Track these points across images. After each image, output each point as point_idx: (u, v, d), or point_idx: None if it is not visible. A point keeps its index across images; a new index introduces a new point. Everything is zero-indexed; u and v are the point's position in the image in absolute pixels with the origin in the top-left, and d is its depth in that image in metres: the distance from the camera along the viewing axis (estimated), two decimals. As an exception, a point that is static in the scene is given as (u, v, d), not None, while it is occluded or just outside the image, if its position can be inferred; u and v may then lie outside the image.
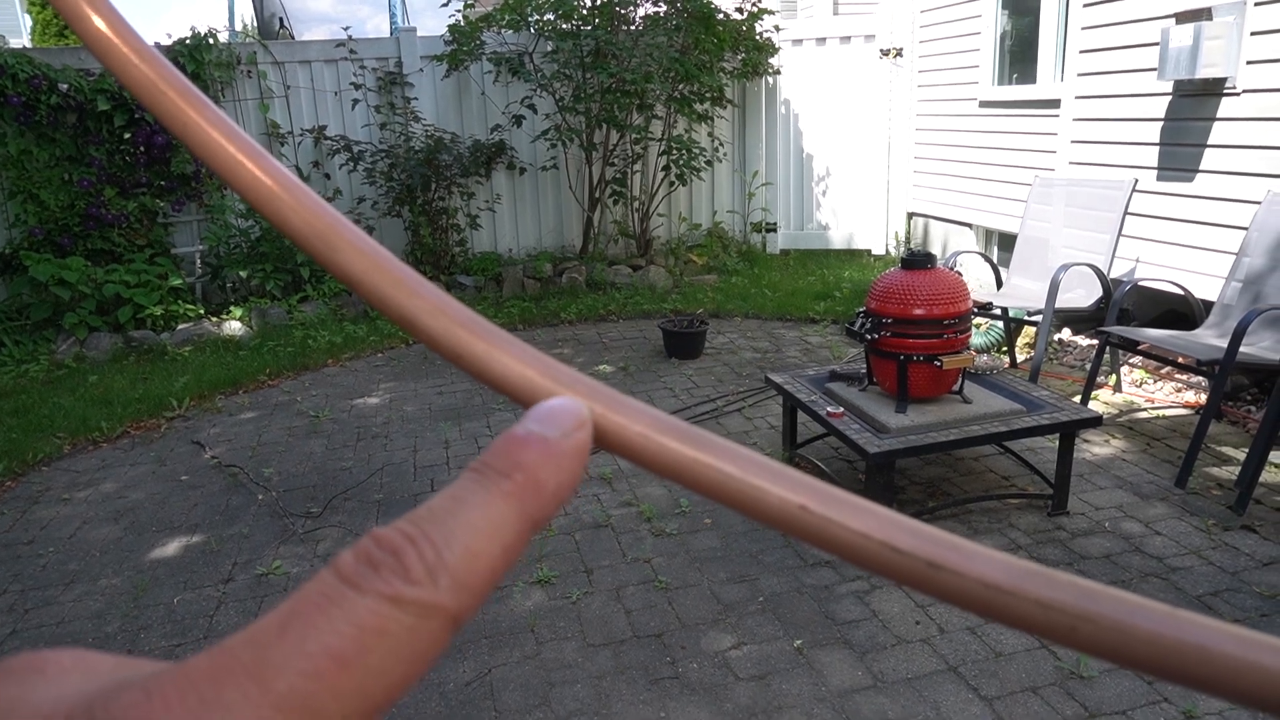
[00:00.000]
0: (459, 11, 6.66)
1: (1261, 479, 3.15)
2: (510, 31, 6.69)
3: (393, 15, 9.27)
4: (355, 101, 6.65)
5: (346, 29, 6.80)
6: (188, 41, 6.22)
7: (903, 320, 2.96)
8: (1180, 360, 3.73)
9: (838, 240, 7.83)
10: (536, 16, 6.62)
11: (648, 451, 0.24)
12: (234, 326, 5.93)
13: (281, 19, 10.02)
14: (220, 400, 4.75)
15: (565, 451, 0.22)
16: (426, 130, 6.59)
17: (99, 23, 0.25)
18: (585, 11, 6.60)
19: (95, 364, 5.45)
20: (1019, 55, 6.04)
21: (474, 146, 6.77)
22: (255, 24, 9.85)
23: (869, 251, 7.71)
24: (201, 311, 6.13)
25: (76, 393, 4.86)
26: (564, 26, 6.57)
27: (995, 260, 5.92)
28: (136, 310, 5.81)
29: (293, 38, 9.71)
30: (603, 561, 2.92)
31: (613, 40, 6.42)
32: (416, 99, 6.82)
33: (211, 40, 6.33)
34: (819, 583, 2.73)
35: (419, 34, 6.96)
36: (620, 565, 2.89)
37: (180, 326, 5.87)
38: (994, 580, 0.20)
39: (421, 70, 6.87)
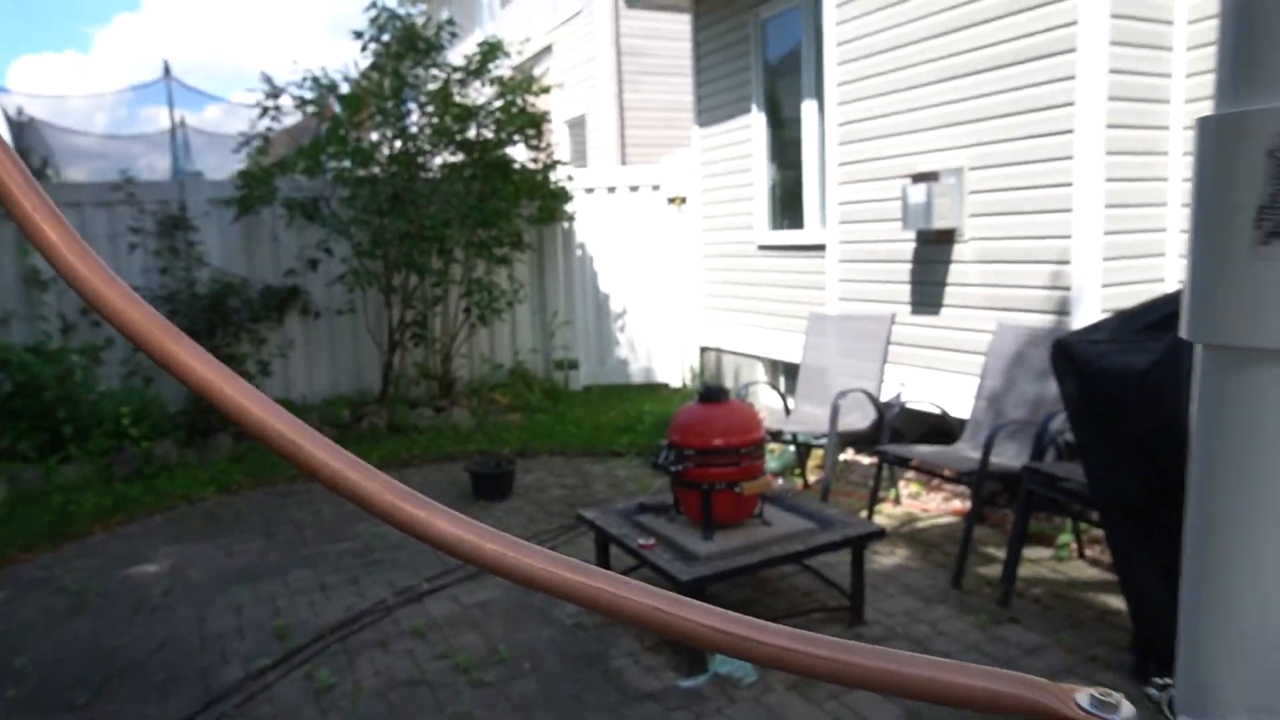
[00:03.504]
0: (250, 157, 6.57)
1: (1020, 574, 3.53)
2: (305, 177, 6.66)
3: (176, 157, 8.96)
4: (133, 246, 6.31)
5: (124, 171, 6.51)
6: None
7: (704, 451, 3.14)
8: (945, 472, 4.16)
9: (637, 375, 8.15)
10: (333, 164, 6.65)
11: (547, 582, 0.33)
12: (-23, 494, 5.24)
13: (46, 158, 9.41)
14: (-42, 580, 4.14)
15: None
16: (213, 274, 6.33)
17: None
18: (383, 159, 6.72)
19: None
20: (788, 203, 6.76)
21: (265, 291, 6.57)
22: (14, 164, 9.16)
23: (667, 385, 8.08)
24: (-64, 478, 5.38)
25: None
26: (361, 173, 6.64)
27: (783, 389, 6.38)
28: None
29: (57, 177, 9.11)
30: (419, 721, 2.77)
31: (411, 187, 6.55)
32: (202, 243, 6.57)
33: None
34: (642, 716, 2.73)
35: (206, 177, 6.78)
36: (438, 723, 2.75)
37: (-92, 497, 5.12)
38: (785, 644, 0.30)
39: (208, 214, 6.65)
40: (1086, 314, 3.96)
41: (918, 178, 4.65)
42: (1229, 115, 0.43)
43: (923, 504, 4.71)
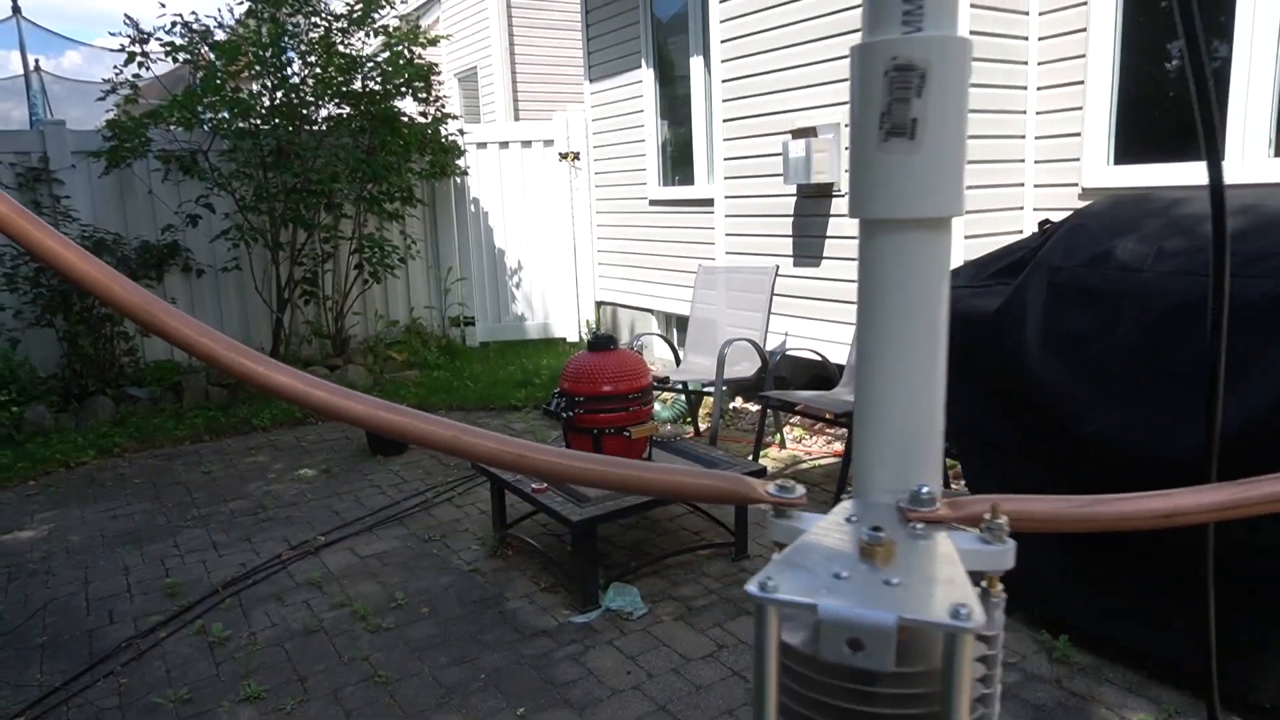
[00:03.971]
0: (119, 106, 6.23)
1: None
2: (181, 129, 6.37)
3: (32, 105, 8.39)
4: (-10, 201, 5.92)
5: (-23, 122, 6.09)
6: None
7: (593, 397, 3.25)
8: (826, 415, 4.41)
9: (534, 330, 8.19)
10: (210, 115, 6.38)
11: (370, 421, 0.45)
12: None
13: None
14: None
15: None
16: (84, 231, 6.03)
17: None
18: (264, 110, 6.48)
19: None
20: (679, 159, 6.87)
21: (142, 248, 6.31)
22: None
23: (564, 340, 8.16)
24: None
25: None
26: (241, 125, 6.40)
27: (675, 341, 6.56)
28: None
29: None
30: (317, 667, 2.82)
31: (295, 140, 6.36)
32: (69, 197, 6.23)
33: None
34: (537, 651, 2.86)
35: (69, 128, 6.41)
36: (336, 668, 2.82)
37: None
38: (554, 460, 0.45)
39: (74, 167, 6.30)
40: (959, 262, 4.22)
41: (797, 133, 4.82)
42: (865, 44, 0.58)
43: (806, 447, 4.96)
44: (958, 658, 0.48)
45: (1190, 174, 3.73)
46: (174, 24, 6.29)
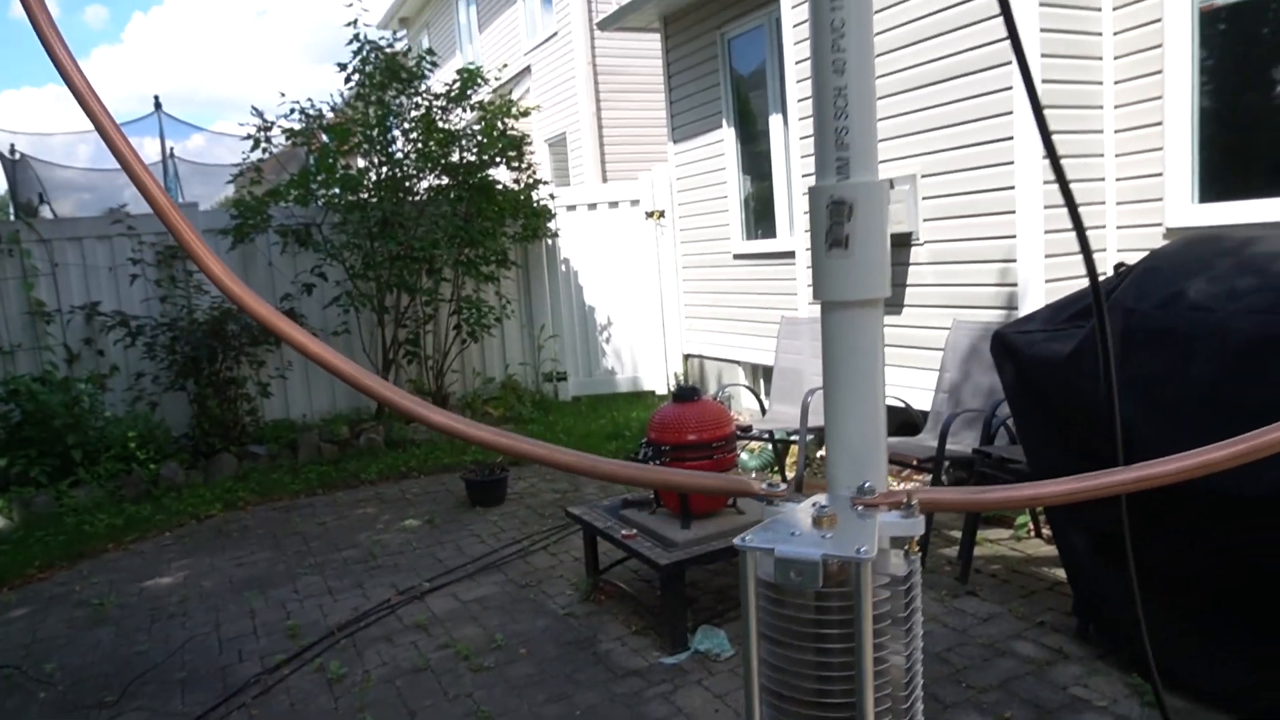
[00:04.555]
0: (243, 188, 6.84)
1: (977, 553, 3.80)
2: (297, 205, 6.94)
3: (169, 189, 9.23)
4: (134, 277, 6.56)
5: (124, 206, 6.77)
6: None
7: (678, 446, 3.41)
8: (913, 461, 4.44)
9: (624, 384, 8.42)
10: (323, 191, 6.93)
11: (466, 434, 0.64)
12: (-6, 520, 5.48)
13: (41, 194, 9.67)
14: (-16, 599, 4.38)
15: None
16: (213, 302, 6.59)
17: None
18: (371, 185, 6.99)
19: None
20: (761, 214, 7.05)
21: (262, 315, 6.82)
22: (10, 201, 9.43)
23: (653, 392, 8.35)
24: (-47, 507, 5.61)
25: None
26: (350, 199, 6.92)
27: (760, 391, 6.66)
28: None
29: (54, 213, 9.36)
30: (425, 702, 3.02)
31: (399, 210, 6.83)
32: (199, 272, 6.81)
33: (-31, 222, 6.10)
34: (629, 690, 2.99)
35: (197, 207, 7.05)
36: (442, 704, 3.01)
37: (-73, 526, 5.34)
38: (543, 454, 0.79)
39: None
40: (1033, 308, 4.24)
41: (875, 186, 4.94)
42: (814, 187, 0.81)
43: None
44: (861, 580, 0.76)
45: (1276, 209, 3.69)
46: (293, 110, 6.90)
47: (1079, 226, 0.90)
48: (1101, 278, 3.76)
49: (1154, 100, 4.13)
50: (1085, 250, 0.93)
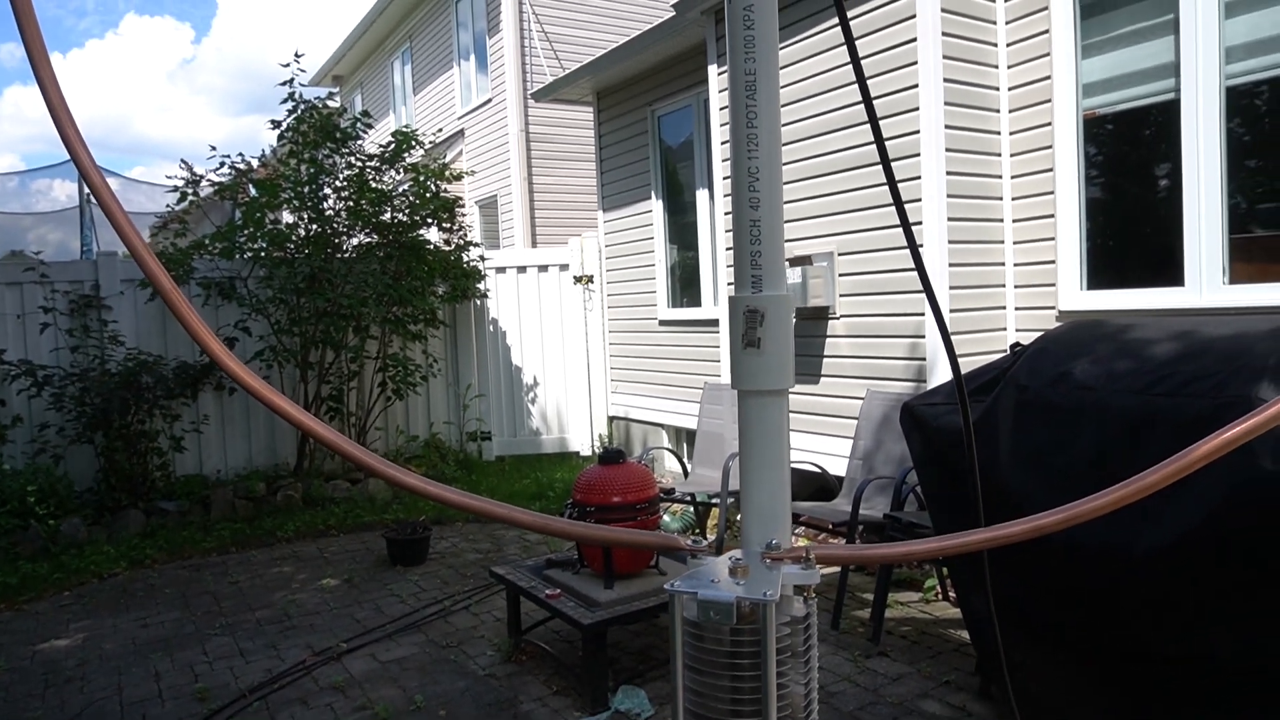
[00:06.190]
0: (170, 240, 6.75)
1: (888, 615, 3.96)
2: (222, 259, 6.86)
3: (85, 236, 9.00)
4: (44, 325, 6.37)
5: (38, 252, 6.60)
6: None
7: (604, 507, 3.49)
8: (829, 526, 4.60)
9: (549, 445, 8.46)
10: (250, 245, 6.88)
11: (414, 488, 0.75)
12: (-126, 577, 5.15)
13: (-55, 237, 9.31)
14: None
15: None
16: (127, 353, 6.43)
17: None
18: (299, 240, 6.98)
19: None
20: (687, 282, 7.29)
21: (180, 368, 6.69)
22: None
23: (578, 454, 8.41)
24: None
25: None
26: (277, 254, 6.88)
27: (684, 455, 6.80)
28: None
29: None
30: (340, 766, 2.97)
31: (327, 267, 6.83)
32: (116, 322, 6.67)
33: None
34: (549, 751, 3.01)
35: (119, 258, 6.91)
36: (358, 767, 2.96)
37: None
38: (494, 508, 0.92)
39: (122, 294, 6.77)
40: (941, 380, 4.51)
41: (794, 261, 5.21)
42: (735, 296, 0.98)
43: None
44: (767, 618, 0.92)
45: (1151, 299, 4.05)
46: (221, 164, 6.88)
47: (937, 311, 1.09)
48: (998, 356, 4.06)
49: (1047, 195, 4.50)
50: (944, 334, 1.12)
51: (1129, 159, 4.41)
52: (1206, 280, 3.92)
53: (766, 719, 0.91)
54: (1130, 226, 4.40)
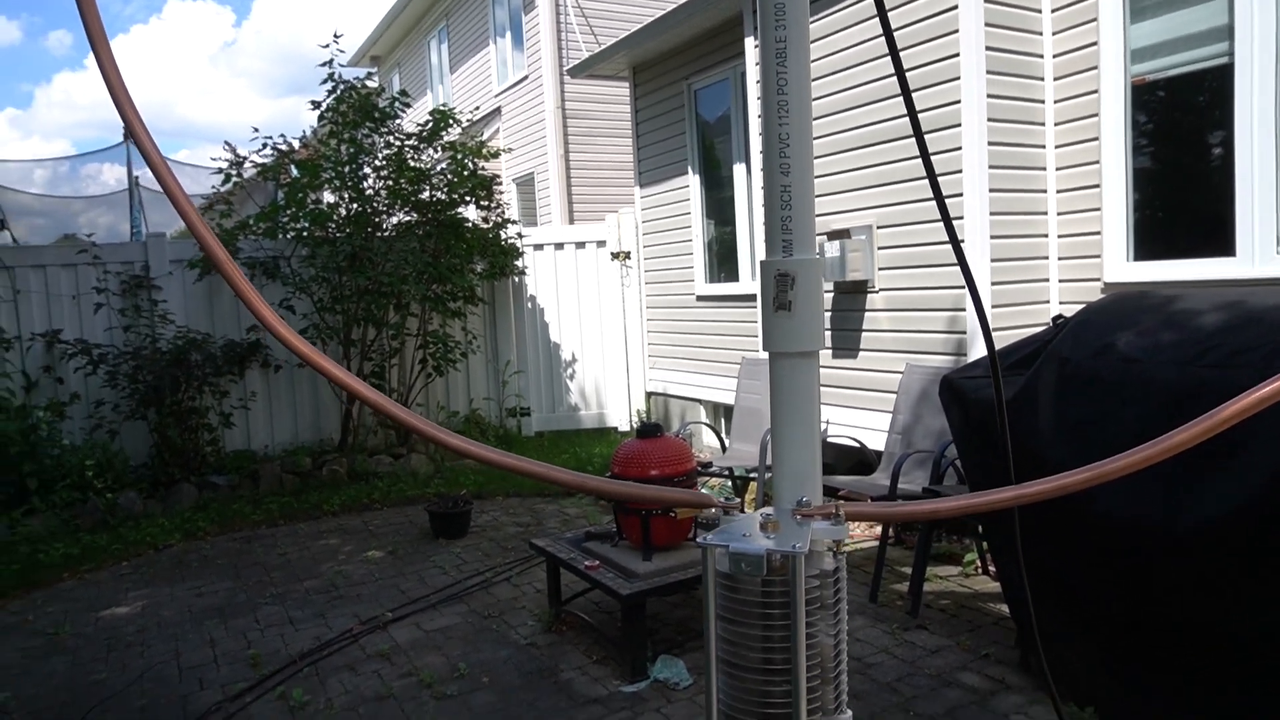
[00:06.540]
0: (215, 221, 6.88)
1: (927, 588, 3.95)
2: (266, 239, 6.99)
3: (134, 219, 9.21)
4: (98, 305, 6.55)
5: (90, 235, 6.78)
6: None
7: (642, 480, 3.53)
8: (869, 500, 4.60)
9: (588, 420, 8.53)
10: (292, 225, 7.00)
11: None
12: (-56, 547, 5.39)
13: (2, 220, 9.59)
14: (-66, 627, 4.32)
15: None
16: (177, 332, 6.59)
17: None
18: (340, 220, 7.08)
19: None
20: (724, 257, 7.27)
21: (227, 346, 6.84)
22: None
23: (616, 429, 8.47)
24: (-99, 534, 5.51)
25: None
26: (319, 234, 6.99)
27: (721, 429, 6.81)
28: None
29: (15, 239, 9.29)
30: (388, 729, 3.07)
31: (368, 246, 6.92)
32: (165, 301, 6.84)
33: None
34: (590, 717, 3.07)
35: (167, 239, 7.07)
36: (405, 731, 3.06)
37: (-126, 552, 5.24)
38: (535, 468, 0.90)
39: (171, 274, 6.94)
40: (980, 354, 4.46)
41: (833, 234, 5.17)
42: (766, 260, 0.99)
43: (849, 530, 5.13)
44: (797, 570, 0.96)
45: (1200, 269, 3.96)
46: (264, 145, 6.99)
47: (970, 280, 1.09)
48: (1041, 329, 4.01)
49: (1092, 164, 4.41)
50: (975, 302, 1.12)
51: (1179, 126, 4.30)
52: (1260, 250, 3.82)
53: (796, 667, 0.95)
54: (1179, 196, 4.29)
